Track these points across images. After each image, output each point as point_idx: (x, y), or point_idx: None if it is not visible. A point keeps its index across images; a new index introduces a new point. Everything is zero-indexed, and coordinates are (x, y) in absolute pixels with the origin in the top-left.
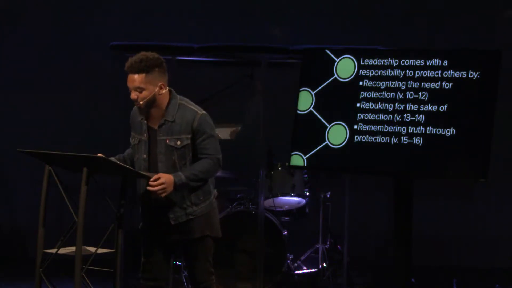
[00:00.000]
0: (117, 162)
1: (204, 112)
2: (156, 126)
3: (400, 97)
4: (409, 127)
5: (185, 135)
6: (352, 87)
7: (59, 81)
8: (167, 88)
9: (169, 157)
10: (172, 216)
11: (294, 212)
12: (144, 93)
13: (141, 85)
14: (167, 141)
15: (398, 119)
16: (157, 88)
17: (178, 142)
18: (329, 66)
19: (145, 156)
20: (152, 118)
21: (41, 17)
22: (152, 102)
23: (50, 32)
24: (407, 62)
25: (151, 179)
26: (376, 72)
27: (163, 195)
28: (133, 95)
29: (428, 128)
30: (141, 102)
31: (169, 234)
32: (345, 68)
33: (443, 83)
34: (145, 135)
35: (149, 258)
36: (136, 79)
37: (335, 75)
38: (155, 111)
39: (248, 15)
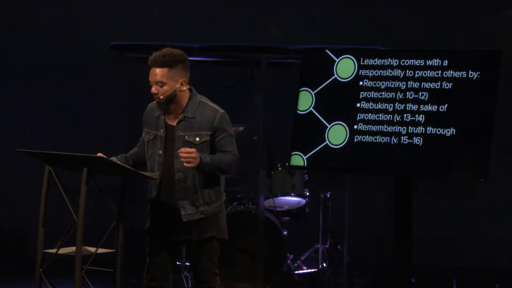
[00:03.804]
0: (117, 162)
1: (223, 111)
2: (174, 122)
3: (400, 97)
4: (409, 127)
5: (205, 132)
6: (352, 87)
7: (59, 81)
8: (188, 86)
9: None
10: (184, 213)
11: (294, 212)
12: (165, 88)
13: (163, 80)
14: (186, 137)
15: (398, 119)
16: (178, 84)
17: (197, 138)
18: (329, 66)
19: (161, 152)
20: (170, 115)
21: (41, 17)
22: (172, 98)
23: (50, 32)
24: (407, 62)
25: (181, 149)
26: (376, 72)
27: (189, 165)
28: (154, 89)
29: (428, 128)
30: (161, 97)
31: (176, 234)
32: (345, 68)
33: (443, 83)
34: (162, 130)
35: (154, 258)
36: (158, 73)
37: (335, 75)
38: (174, 107)
39: (248, 15)
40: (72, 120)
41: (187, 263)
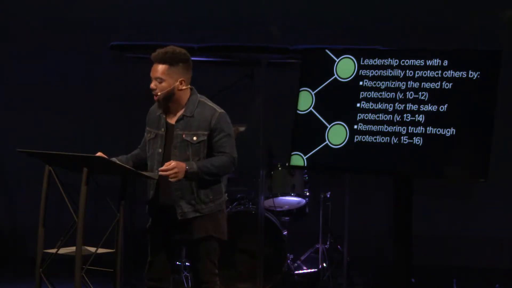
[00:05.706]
0: (117, 162)
1: (222, 111)
2: (173, 121)
3: (400, 97)
4: (409, 127)
5: (202, 132)
6: (352, 87)
7: (59, 81)
8: (189, 86)
9: (183, 152)
10: (179, 211)
11: (294, 212)
12: (163, 84)
13: (162, 76)
14: (184, 135)
15: (398, 119)
16: (177, 82)
17: (194, 138)
18: (329, 66)
19: (160, 150)
20: (171, 113)
21: (41, 17)
22: (170, 96)
23: (50, 32)
24: (407, 62)
25: (164, 164)
26: (376, 72)
27: (173, 179)
28: (153, 84)
29: (428, 128)
30: (158, 93)
31: (174, 233)
32: (345, 68)
33: (443, 83)
34: (162, 129)
35: (155, 257)
36: (158, 69)
37: (335, 75)
38: (174, 106)
39: (248, 15)
40: (72, 120)
41: (187, 263)
